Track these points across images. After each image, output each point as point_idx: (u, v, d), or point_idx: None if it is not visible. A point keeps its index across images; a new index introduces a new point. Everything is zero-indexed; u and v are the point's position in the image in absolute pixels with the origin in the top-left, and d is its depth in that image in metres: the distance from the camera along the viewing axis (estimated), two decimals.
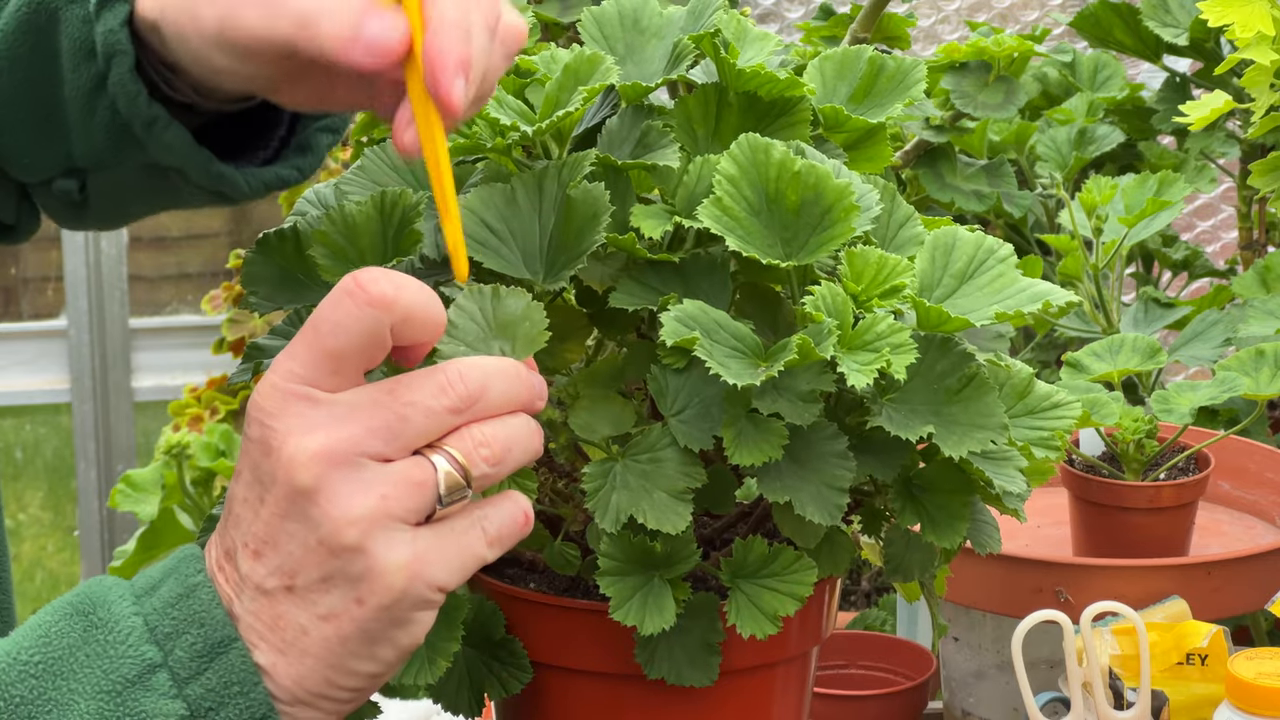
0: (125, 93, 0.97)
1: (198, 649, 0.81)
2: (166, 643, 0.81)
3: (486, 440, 0.83)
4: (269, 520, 0.81)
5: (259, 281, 1.02)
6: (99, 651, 0.81)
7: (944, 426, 0.94)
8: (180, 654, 0.81)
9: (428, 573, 0.81)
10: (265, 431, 0.81)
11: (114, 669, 0.80)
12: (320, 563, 0.81)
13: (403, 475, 0.81)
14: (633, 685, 0.98)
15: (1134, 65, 2.51)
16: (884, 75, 1.07)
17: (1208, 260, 2.07)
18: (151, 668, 0.81)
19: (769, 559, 0.95)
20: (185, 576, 0.82)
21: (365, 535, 0.80)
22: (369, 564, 0.81)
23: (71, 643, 0.81)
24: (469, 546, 0.83)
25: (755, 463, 0.91)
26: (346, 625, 0.81)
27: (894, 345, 0.91)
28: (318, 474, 0.80)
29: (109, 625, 0.81)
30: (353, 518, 0.80)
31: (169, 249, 3.62)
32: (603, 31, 1.04)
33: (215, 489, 2.49)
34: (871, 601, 2.29)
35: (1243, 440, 1.55)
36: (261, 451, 0.81)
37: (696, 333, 0.91)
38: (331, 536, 0.80)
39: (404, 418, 0.81)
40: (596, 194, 0.95)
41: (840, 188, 0.95)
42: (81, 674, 0.80)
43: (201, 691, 0.81)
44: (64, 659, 0.81)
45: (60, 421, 3.27)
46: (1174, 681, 1.22)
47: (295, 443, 0.80)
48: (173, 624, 0.81)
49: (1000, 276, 0.98)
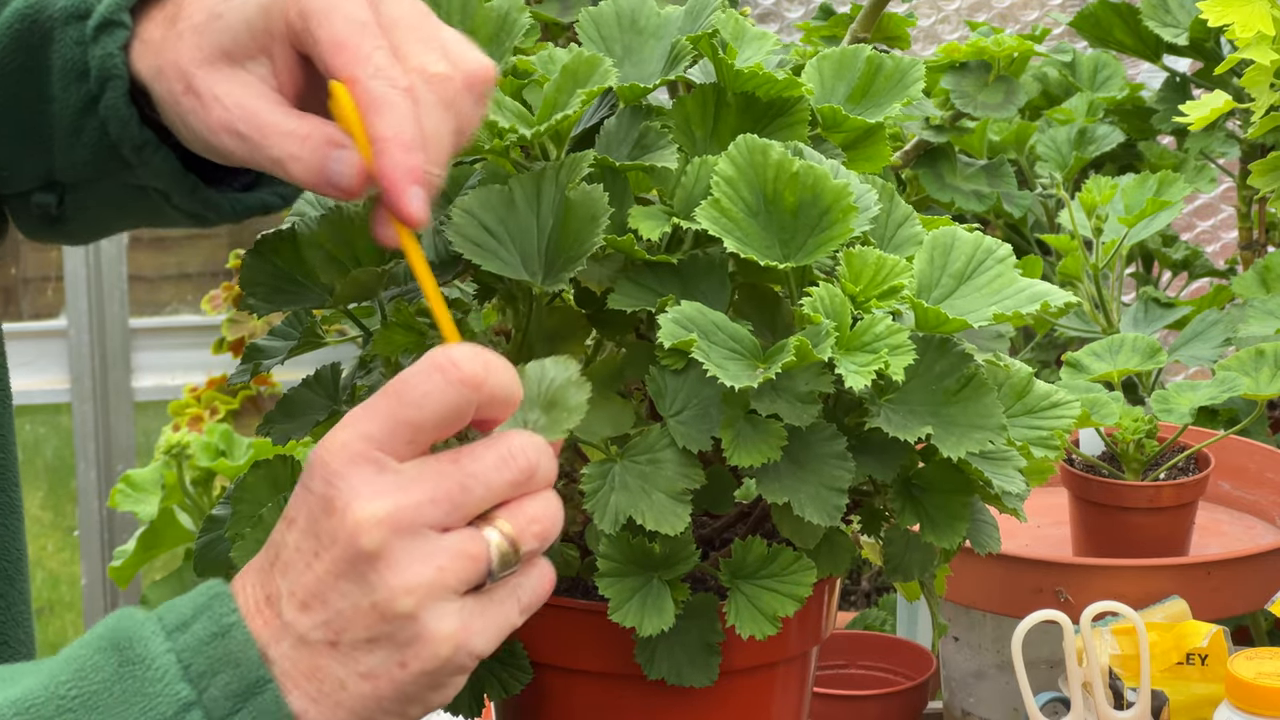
0: (118, 117, 0.97)
1: (232, 689, 0.82)
2: (200, 681, 0.82)
3: (537, 517, 0.85)
4: (322, 576, 0.83)
5: (257, 284, 1.02)
6: (134, 689, 0.82)
7: (942, 427, 0.94)
8: (215, 693, 0.82)
9: (471, 642, 0.83)
10: (329, 490, 0.82)
11: (151, 706, 0.81)
12: (370, 625, 0.82)
13: (459, 548, 0.83)
14: (633, 686, 0.98)
15: (1134, 65, 2.50)
16: (882, 75, 1.07)
17: (1208, 260, 2.07)
18: (186, 706, 0.82)
19: (768, 559, 0.95)
20: (219, 616, 0.83)
21: (419, 605, 0.82)
22: (418, 631, 0.82)
23: (106, 678, 0.82)
24: (506, 615, 0.85)
25: (754, 464, 0.91)
26: (385, 686, 0.83)
27: (892, 346, 0.91)
28: (381, 540, 0.82)
29: (143, 662, 0.82)
30: (410, 586, 0.82)
31: (169, 249, 3.62)
32: (600, 32, 1.04)
33: (215, 489, 2.49)
34: (871, 601, 2.29)
35: (1243, 440, 1.55)
36: (323, 509, 0.83)
37: (694, 334, 0.91)
38: (386, 603, 0.82)
39: (466, 488, 0.83)
40: (595, 196, 0.95)
41: (838, 188, 0.94)
42: (117, 710, 0.81)
43: None
44: (99, 694, 0.82)
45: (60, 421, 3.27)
46: (1174, 681, 1.21)
47: (361, 507, 0.82)
48: (207, 663, 0.82)
49: (999, 277, 0.98)
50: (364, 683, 0.83)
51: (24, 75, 1.00)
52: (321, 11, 0.89)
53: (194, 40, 0.94)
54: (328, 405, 1.04)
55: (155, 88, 0.96)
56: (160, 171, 1.00)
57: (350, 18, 0.89)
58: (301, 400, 1.05)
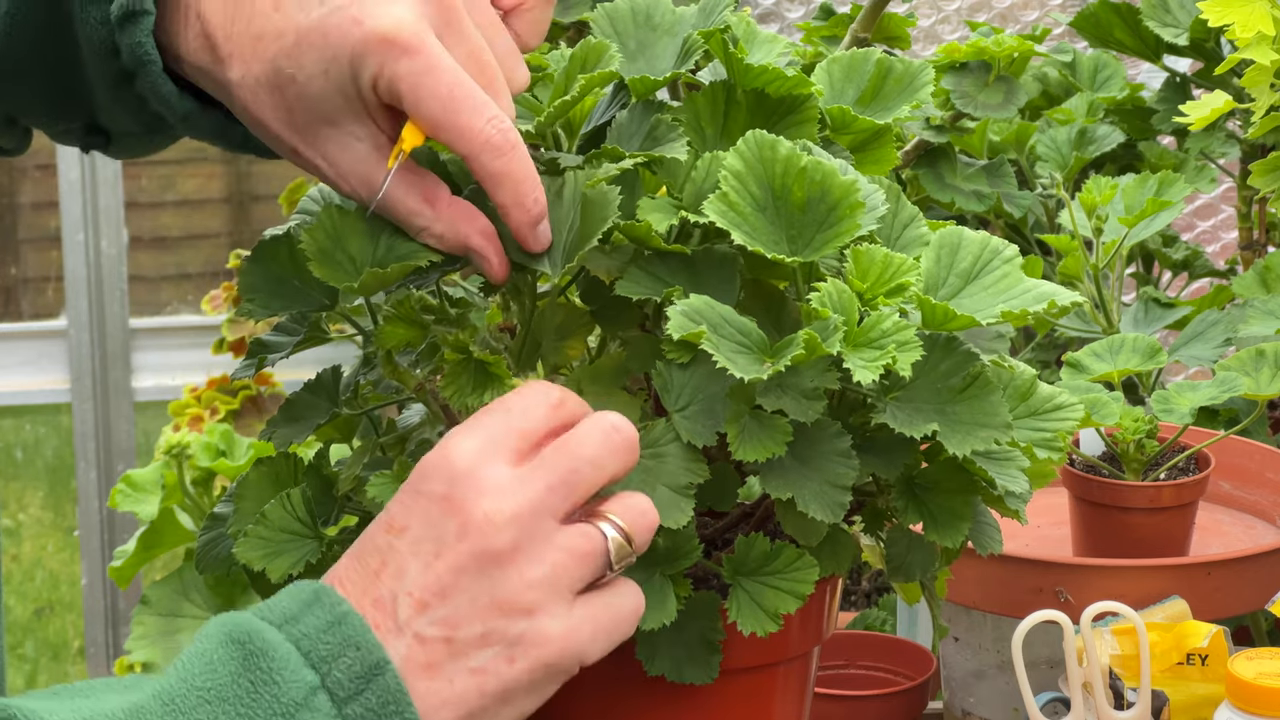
0: (156, 94, 0.97)
1: (355, 670, 0.84)
2: (322, 666, 0.83)
3: (645, 509, 0.89)
4: (443, 574, 0.85)
5: (256, 289, 1.02)
6: (262, 679, 0.83)
7: (948, 425, 0.94)
8: (338, 675, 0.83)
9: (578, 645, 0.87)
10: (452, 490, 0.86)
11: (281, 694, 0.83)
12: (486, 619, 0.85)
13: (576, 545, 0.87)
14: (634, 684, 0.98)
15: (1134, 65, 2.50)
16: (892, 77, 1.07)
17: (1208, 260, 2.06)
18: (313, 690, 0.83)
19: (770, 556, 0.96)
20: (331, 605, 0.85)
21: (537, 602, 0.85)
22: (530, 627, 0.85)
23: (234, 671, 0.83)
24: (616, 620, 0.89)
25: (759, 458, 0.92)
26: (492, 682, 0.85)
27: (899, 343, 0.92)
28: (512, 538, 0.85)
29: (265, 654, 0.83)
30: (531, 581, 0.85)
31: (169, 249, 3.62)
32: (615, 27, 1.04)
33: (215, 489, 2.48)
34: (871, 601, 2.29)
35: (1243, 440, 1.55)
36: (444, 510, 0.86)
37: (703, 327, 0.91)
38: (508, 597, 0.85)
39: (576, 470, 0.87)
40: (610, 196, 0.95)
41: (846, 184, 0.95)
42: (248, 700, 0.83)
43: (361, 711, 0.83)
44: (230, 685, 0.83)
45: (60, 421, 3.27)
46: (1174, 681, 1.21)
47: (489, 504, 0.85)
48: (328, 648, 0.84)
49: (1005, 276, 0.98)
50: (471, 678, 0.85)
51: (53, 45, 0.99)
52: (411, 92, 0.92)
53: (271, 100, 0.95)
54: (329, 408, 1.05)
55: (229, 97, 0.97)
56: (208, 130, 1.00)
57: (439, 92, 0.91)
58: (303, 404, 1.06)
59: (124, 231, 3.23)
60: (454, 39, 0.92)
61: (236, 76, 0.94)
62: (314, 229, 0.96)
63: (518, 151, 0.93)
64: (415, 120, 0.92)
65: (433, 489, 0.86)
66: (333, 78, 0.92)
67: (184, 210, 3.63)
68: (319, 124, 0.94)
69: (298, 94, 0.93)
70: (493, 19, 0.96)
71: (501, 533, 0.85)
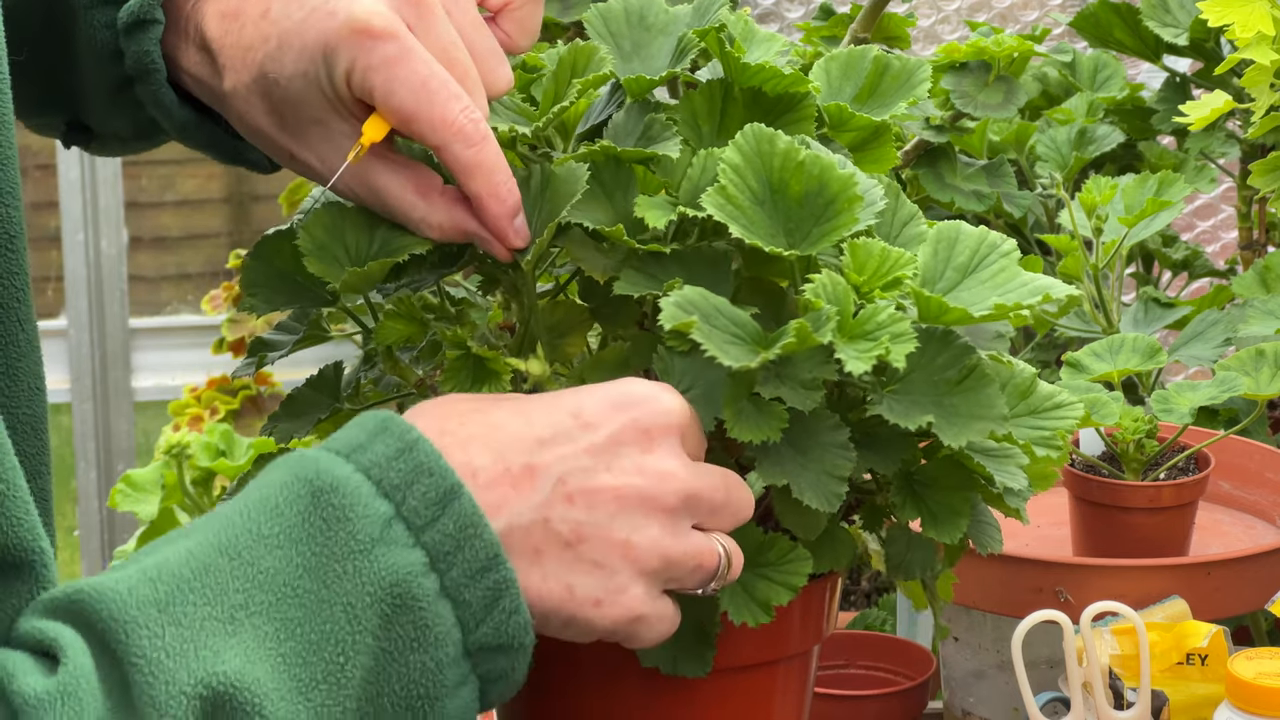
0: (156, 102, 0.98)
1: (430, 497, 0.82)
2: (395, 494, 0.82)
3: (740, 553, 0.92)
4: (604, 488, 0.86)
5: (258, 285, 1.02)
6: (334, 515, 0.81)
7: (944, 417, 0.94)
8: (413, 503, 0.82)
9: (639, 630, 0.88)
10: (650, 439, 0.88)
11: (357, 530, 0.80)
12: (609, 553, 0.86)
13: (701, 549, 0.89)
14: (633, 682, 0.98)
15: (1134, 65, 2.50)
16: (889, 75, 1.07)
17: (1208, 260, 2.06)
18: (388, 521, 0.81)
19: (764, 547, 0.96)
20: (400, 434, 0.83)
21: (652, 569, 0.87)
22: (629, 586, 0.87)
23: (303, 509, 0.81)
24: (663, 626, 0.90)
25: (754, 440, 0.92)
26: (569, 607, 0.86)
27: (894, 334, 0.92)
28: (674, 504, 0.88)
29: (335, 489, 0.81)
30: (662, 550, 0.87)
31: (169, 249, 3.62)
32: (609, 28, 1.04)
33: (215, 489, 2.48)
34: (871, 601, 2.29)
35: (1243, 440, 1.55)
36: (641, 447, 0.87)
37: (695, 317, 0.91)
38: (639, 550, 0.87)
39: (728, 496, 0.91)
40: (578, 173, 0.96)
41: (844, 178, 0.95)
42: (320, 539, 0.80)
43: (439, 538, 0.82)
44: (300, 525, 0.80)
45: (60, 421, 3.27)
46: (1174, 681, 1.21)
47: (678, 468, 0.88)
48: (399, 476, 0.82)
49: (1002, 271, 0.98)
50: (559, 592, 0.86)
51: (49, 41, 1.00)
52: (384, 82, 0.92)
53: (262, 106, 0.95)
54: (330, 404, 1.05)
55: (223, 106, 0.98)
56: (202, 140, 1.01)
57: (411, 81, 0.92)
58: (304, 399, 1.06)
59: (124, 231, 3.23)
60: (426, 33, 0.92)
61: (229, 87, 0.95)
62: (311, 224, 0.97)
63: (489, 142, 0.93)
64: (386, 111, 0.92)
65: (637, 418, 0.87)
66: (311, 77, 0.93)
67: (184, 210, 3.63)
68: (307, 124, 0.94)
69: (282, 97, 0.94)
70: (475, 19, 0.96)
71: (671, 494, 0.87)
